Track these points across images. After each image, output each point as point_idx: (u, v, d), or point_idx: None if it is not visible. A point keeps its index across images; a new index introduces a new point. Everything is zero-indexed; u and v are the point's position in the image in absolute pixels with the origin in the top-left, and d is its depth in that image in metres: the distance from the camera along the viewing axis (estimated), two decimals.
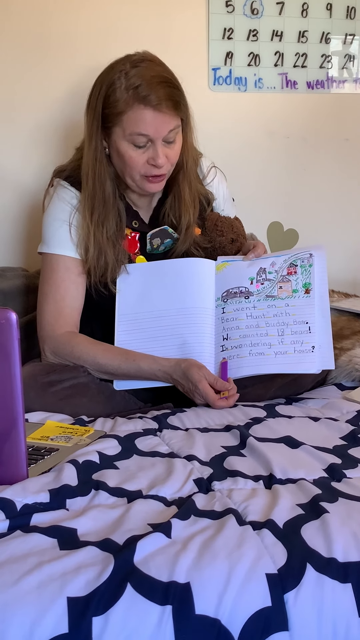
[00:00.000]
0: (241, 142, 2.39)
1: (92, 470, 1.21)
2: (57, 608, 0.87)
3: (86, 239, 1.70)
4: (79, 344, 1.68)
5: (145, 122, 1.61)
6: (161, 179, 1.71)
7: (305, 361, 1.62)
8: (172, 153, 1.68)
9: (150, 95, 1.60)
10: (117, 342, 1.70)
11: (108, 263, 1.70)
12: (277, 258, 1.75)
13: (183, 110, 1.67)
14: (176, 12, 2.25)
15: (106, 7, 2.18)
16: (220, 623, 0.89)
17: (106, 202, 1.70)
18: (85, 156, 1.70)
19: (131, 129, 1.62)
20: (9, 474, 1.13)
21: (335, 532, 1.00)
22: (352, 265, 2.55)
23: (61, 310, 1.72)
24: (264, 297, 1.70)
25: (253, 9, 2.30)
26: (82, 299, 1.76)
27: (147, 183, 1.70)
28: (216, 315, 1.72)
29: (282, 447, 1.33)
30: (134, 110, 1.61)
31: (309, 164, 2.48)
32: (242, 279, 1.73)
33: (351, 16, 2.39)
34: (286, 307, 1.68)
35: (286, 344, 1.64)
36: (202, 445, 1.35)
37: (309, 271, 1.70)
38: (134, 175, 1.68)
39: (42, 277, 1.77)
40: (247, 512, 1.07)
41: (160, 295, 1.72)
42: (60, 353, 1.69)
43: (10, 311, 1.08)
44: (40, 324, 1.74)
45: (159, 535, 0.98)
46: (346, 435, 1.40)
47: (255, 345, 1.65)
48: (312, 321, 1.65)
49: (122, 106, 1.62)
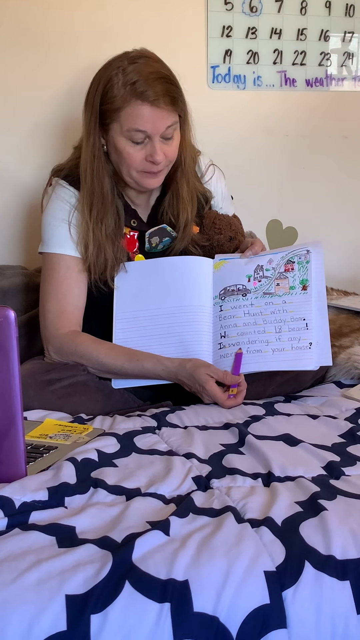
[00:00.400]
0: (240, 140, 2.39)
1: (90, 468, 1.21)
2: (56, 605, 0.87)
3: (85, 236, 1.70)
4: (82, 343, 1.68)
5: (142, 118, 1.61)
6: (159, 174, 1.71)
7: (302, 358, 1.62)
8: (169, 150, 1.68)
9: (147, 91, 1.59)
10: (115, 340, 1.70)
11: (107, 260, 1.70)
12: (274, 255, 1.75)
13: (181, 106, 1.67)
14: (175, 9, 2.24)
15: (105, 4, 2.18)
16: (218, 620, 0.89)
17: (105, 199, 1.70)
18: (83, 153, 1.70)
19: (129, 125, 1.62)
20: (8, 471, 1.13)
21: (333, 530, 1.00)
22: (352, 263, 2.55)
23: (64, 309, 1.72)
24: (261, 294, 1.70)
25: (252, 6, 2.30)
26: (84, 297, 1.75)
27: (144, 179, 1.69)
28: (214, 313, 1.72)
29: (281, 444, 1.33)
30: (131, 106, 1.61)
31: (308, 162, 2.48)
32: (240, 277, 1.73)
33: (350, 14, 2.39)
34: (283, 304, 1.67)
35: (283, 340, 1.64)
36: (201, 443, 1.35)
37: (306, 268, 1.70)
38: (132, 172, 1.68)
39: (43, 277, 1.76)
40: (245, 510, 1.07)
41: (157, 293, 1.72)
42: (63, 352, 1.69)
43: (9, 309, 1.08)
44: (44, 323, 1.73)
45: (157, 533, 0.98)
46: (345, 433, 1.41)
47: (253, 343, 1.65)
48: (309, 318, 1.65)
49: (119, 102, 1.62)
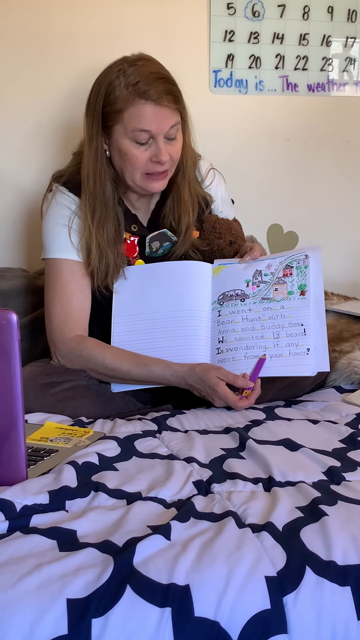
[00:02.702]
0: (242, 145, 2.39)
1: (91, 472, 1.21)
2: (57, 609, 0.87)
3: (88, 240, 1.69)
4: (89, 348, 1.67)
5: (146, 117, 1.61)
6: (164, 177, 1.70)
7: (300, 364, 1.62)
8: (173, 150, 1.68)
9: (150, 90, 1.60)
10: (113, 344, 1.70)
11: (109, 265, 1.70)
12: (273, 260, 1.74)
13: (182, 106, 1.67)
14: (177, 13, 2.25)
15: (107, 8, 2.19)
16: (219, 625, 0.89)
17: (107, 204, 1.70)
18: (85, 158, 1.69)
19: (133, 126, 1.62)
20: (9, 475, 1.13)
21: (334, 535, 1.00)
22: (352, 268, 2.55)
23: (69, 313, 1.71)
24: (259, 299, 1.69)
25: (254, 11, 2.31)
26: (89, 300, 1.75)
27: (149, 182, 1.69)
28: (212, 319, 1.71)
29: (282, 449, 1.33)
30: (134, 106, 1.61)
31: (310, 167, 2.48)
32: (239, 282, 1.73)
33: (352, 19, 2.40)
34: (281, 310, 1.67)
35: (281, 346, 1.64)
36: (201, 447, 1.35)
37: (305, 273, 1.69)
38: (136, 174, 1.68)
39: (47, 283, 1.76)
40: (246, 515, 1.07)
41: (156, 297, 1.72)
42: (70, 357, 1.68)
43: (11, 312, 1.09)
44: (50, 328, 1.72)
45: (158, 537, 0.98)
46: (345, 438, 1.41)
47: (251, 349, 1.65)
48: (307, 323, 1.64)
49: (122, 103, 1.62)
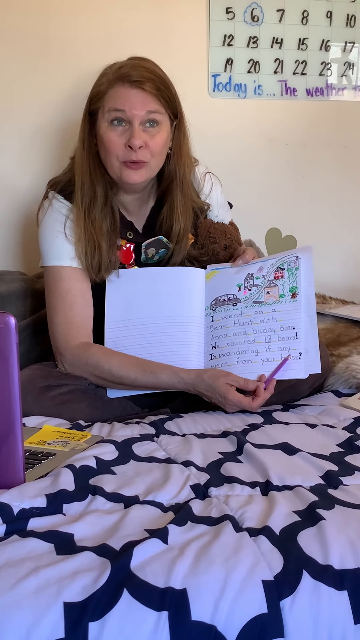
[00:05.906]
0: (240, 149, 2.39)
1: (89, 475, 1.21)
2: (54, 613, 0.87)
3: (82, 231, 1.68)
4: (95, 355, 1.65)
5: (122, 97, 1.63)
6: (140, 167, 1.66)
7: (292, 368, 1.62)
8: (152, 142, 1.65)
9: (131, 73, 1.62)
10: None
11: (102, 256, 1.68)
12: (264, 263, 1.73)
13: (170, 102, 1.67)
14: (177, 18, 2.25)
15: (107, 12, 2.19)
16: (216, 629, 0.89)
17: (98, 197, 1.69)
18: (78, 153, 1.70)
19: (109, 106, 1.64)
20: (6, 478, 1.13)
21: (331, 539, 1.00)
22: (351, 272, 2.55)
23: (72, 320, 1.70)
24: (251, 303, 1.69)
25: (253, 16, 2.31)
26: (91, 305, 1.73)
27: (125, 172, 1.66)
28: (205, 324, 1.71)
29: (279, 453, 1.33)
30: (114, 88, 1.64)
31: (308, 171, 2.48)
32: (231, 286, 1.72)
33: (351, 24, 2.40)
34: (273, 313, 1.66)
35: (273, 350, 1.63)
36: (199, 451, 1.35)
37: (295, 275, 1.67)
38: (113, 161, 1.66)
39: (47, 291, 1.74)
40: (243, 519, 1.07)
41: (149, 302, 1.71)
42: (76, 364, 1.67)
43: (9, 315, 1.09)
44: (54, 337, 1.71)
45: (155, 541, 0.98)
46: (343, 443, 1.41)
47: (243, 353, 1.65)
48: (298, 326, 1.64)
49: (104, 87, 1.65)
